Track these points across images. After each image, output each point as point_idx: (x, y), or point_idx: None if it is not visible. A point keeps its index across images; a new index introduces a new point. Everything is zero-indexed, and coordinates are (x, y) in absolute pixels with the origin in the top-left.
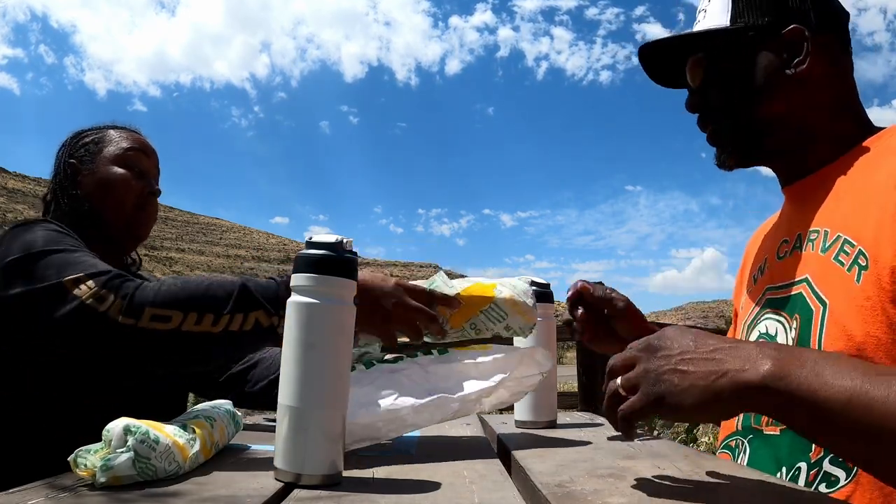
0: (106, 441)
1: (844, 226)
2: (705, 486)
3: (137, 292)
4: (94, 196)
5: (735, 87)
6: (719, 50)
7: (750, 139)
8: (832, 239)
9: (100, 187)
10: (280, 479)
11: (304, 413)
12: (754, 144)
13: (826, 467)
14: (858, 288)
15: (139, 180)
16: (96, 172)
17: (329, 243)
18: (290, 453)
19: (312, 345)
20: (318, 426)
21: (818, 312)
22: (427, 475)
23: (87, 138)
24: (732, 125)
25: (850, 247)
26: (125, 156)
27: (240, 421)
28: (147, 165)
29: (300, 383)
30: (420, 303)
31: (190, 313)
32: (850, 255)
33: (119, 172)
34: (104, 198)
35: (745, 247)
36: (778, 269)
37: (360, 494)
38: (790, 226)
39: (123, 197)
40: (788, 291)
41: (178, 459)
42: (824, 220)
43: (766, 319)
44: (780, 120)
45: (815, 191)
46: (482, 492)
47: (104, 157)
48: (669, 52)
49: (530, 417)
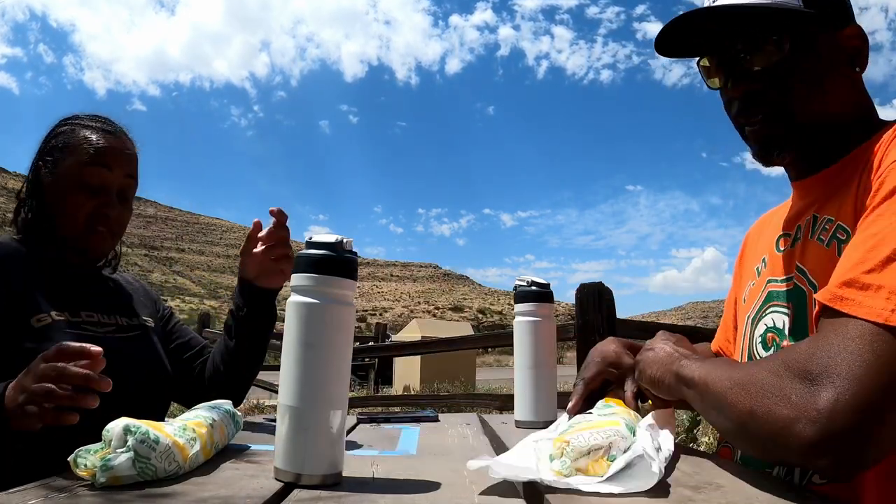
0: (106, 441)
1: (829, 209)
2: (706, 486)
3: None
4: (51, 206)
5: (805, 77)
6: (792, 32)
7: (806, 136)
8: (820, 223)
9: (55, 201)
10: (280, 479)
11: (305, 413)
12: (810, 141)
13: None
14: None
15: (93, 198)
16: (55, 184)
17: (329, 243)
18: (290, 453)
19: (312, 344)
20: (318, 426)
21: (809, 296)
22: (427, 475)
23: (58, 139)
24: (790, 119)
25: (830, 224)
26: (83, 172)
27: (240, 421)
28: (108, 180)
29: (300, 383)
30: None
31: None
32: (828, 232)
33: (72, 190)
34: (58, 213)
35: (745, 237)
36: (778, 262)
37: (360, 494)
38: (794, 220)
39: (74, 214)
40: (789, 284)
41: (178, 459)
42: (817, 208)
43: (771, 313)
44: (834, 119)
45: (821, 185)
46: (482, 492)
47: (64, 167)
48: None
49: (530, 417)
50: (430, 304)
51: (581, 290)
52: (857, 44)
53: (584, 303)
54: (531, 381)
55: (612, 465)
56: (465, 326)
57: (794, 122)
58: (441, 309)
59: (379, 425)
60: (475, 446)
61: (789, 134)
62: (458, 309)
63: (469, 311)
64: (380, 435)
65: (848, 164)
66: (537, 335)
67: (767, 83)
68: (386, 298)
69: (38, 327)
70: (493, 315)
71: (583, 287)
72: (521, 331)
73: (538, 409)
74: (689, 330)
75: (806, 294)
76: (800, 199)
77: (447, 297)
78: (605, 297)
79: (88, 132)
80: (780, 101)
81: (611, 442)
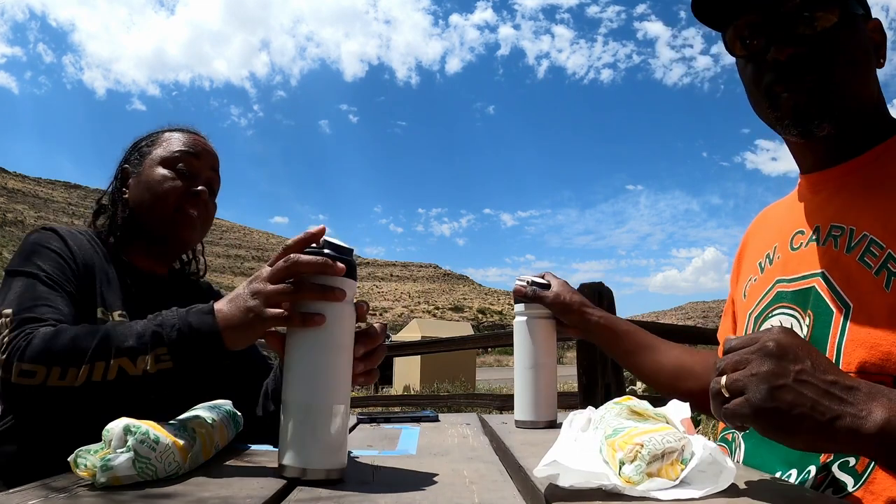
0: (106, 441)
1: (872, 226)
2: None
3: (17, 346)
4: (138, 199)
5: (848, 54)
6: (841, 6)
7: (843, 115)
8: (858, 238)
9: (143, 190)
10: (285, 476)
11: (309, 409)
12: (846, 121)
13: (835, 472)
14: (889, 294)
15: (183, 181)
16: (142, 175)
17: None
18: (295, 449)
19: (316, 343)
20: (323, 422)
21: (839, 315)
22: (427, 475)
23: (141, 143)
24: (833, 91)
25: (879, 249)
26: (170, 157)
27: (240, 421)
28: (196, 167)
29: (305, 380)
30: (281, 272)
31: (53, 368)
32: (878, 258)
33: (160, 173)
34: (145, 200)
35: (745, 235)
36: (791, 261)
37: (360, 494)
38: (808, 217)
39: (163, 198)
40: (801, 284)
41: (178, 459)
42: (849, 216)
43: (778, 314)
44: (863, 106)
45: (837, 183)
46: (482, 492)
47: (151, 159)
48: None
49: (530, 417)
50: (430, 304)
51: (581, 290)
52: (878, 38)
53: None
54: (531, 381)
55: (685, 468)
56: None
57: (836, 95)
58: (441, 309)
59: (379, 425)
60: (475, 446)
61: (830, 106)
62: (458, 309)
63: (469, 311)
64: (380, 435)
65: (869, 162)
66: (537, 335)
67: (816, 49)
68: (386, 298)
69: (101, 319)
70: (493, 315)
71: (583, 287)
72: (520, 331)
73: (538, 409)
74: (690, 330)
75: (833, 311)
76: (812, 194)
77: (447, 297)
78: (606, 296)
79: (173, 132)
80: (826, 71)
81: (683, 445)
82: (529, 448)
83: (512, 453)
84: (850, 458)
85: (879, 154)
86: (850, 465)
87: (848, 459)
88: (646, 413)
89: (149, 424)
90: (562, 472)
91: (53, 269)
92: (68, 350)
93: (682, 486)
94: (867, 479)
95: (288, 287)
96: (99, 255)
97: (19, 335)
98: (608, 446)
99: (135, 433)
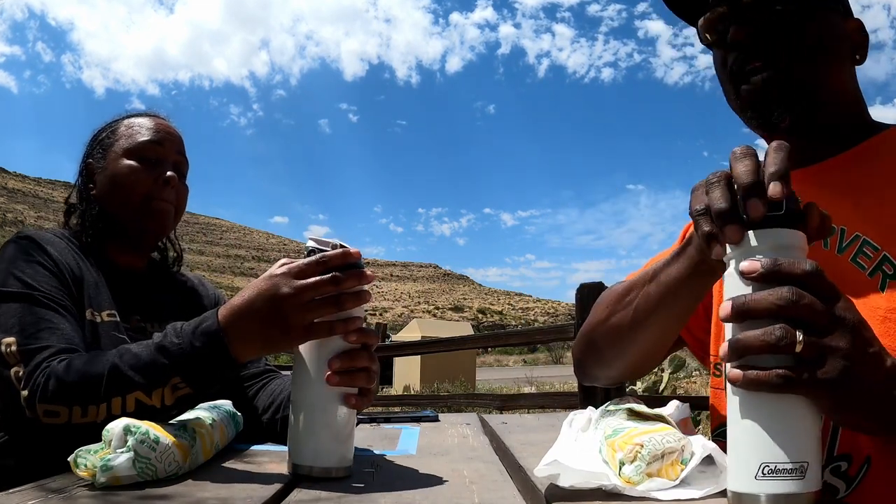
0: (106, 441)
1: (864, 227)
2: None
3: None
4: (106, 194)
5: (817, 38)
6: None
7: (811, 103)
8: (850, 238)
9: (110, 184)
10: (293, 473)
11: (317, 408)
12: (812, 110)
13: (826, 477)
14: (882, 297)
15: (150, 170)
16: (106, 169)
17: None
18: (303, 447)
19: (322, 343)
20: (331, 420)
21: None
22: (427, 475)
23: (101, 135)
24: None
25: (873, 250)
26: (134, 147)
27: (240, 421)
28: (162, 153)
29: (314, 380)
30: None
31: (74, 408)
32: (872, 260)
33: (125, 165)
34: (114, 195)
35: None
36: None
37: (360, 494)
38: None
39: (131, 190)
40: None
41: (178, 459)
42: (838, 216)
43: None
44: (836, 99)
45: (820, 182)
46: (482, 492)
47: (114, 152)
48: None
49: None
50: (430, 304)
51: (581, 290)
52: (858, 38)
53: (585, 303)
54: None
55: (685, 468)
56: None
57: (795, 84)
58: (441, 309)
59: (379, 425)
60: (475, 446)
61: (790, 95)
62: (458, 309)
63: (469, 311)
64: (380, 435)
65: (848, 160)
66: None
67: (776, 31)
68: (386, 298)
69: (90, 322)
70: (493, 315)
71: (583, 287)
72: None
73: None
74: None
75: None
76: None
77: (447, 297)
78: None
79: (133, 118)
80: (786, 55)
81: (683, 445)
82: (529, 448)
83: (512, 453)
84: (841, 462)
85: (859, 153)
86: (841, 469)
87: (840, 464)
88: (645, 413)
89: (149, 424)
90: (562, 471)
91: (44, 285)
92: (82, 389)
93: (682, 486)
94: (858, 484)
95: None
96: (78, 256)
97: (36, 372)
98: (608, 446)
99: (135, 433)
